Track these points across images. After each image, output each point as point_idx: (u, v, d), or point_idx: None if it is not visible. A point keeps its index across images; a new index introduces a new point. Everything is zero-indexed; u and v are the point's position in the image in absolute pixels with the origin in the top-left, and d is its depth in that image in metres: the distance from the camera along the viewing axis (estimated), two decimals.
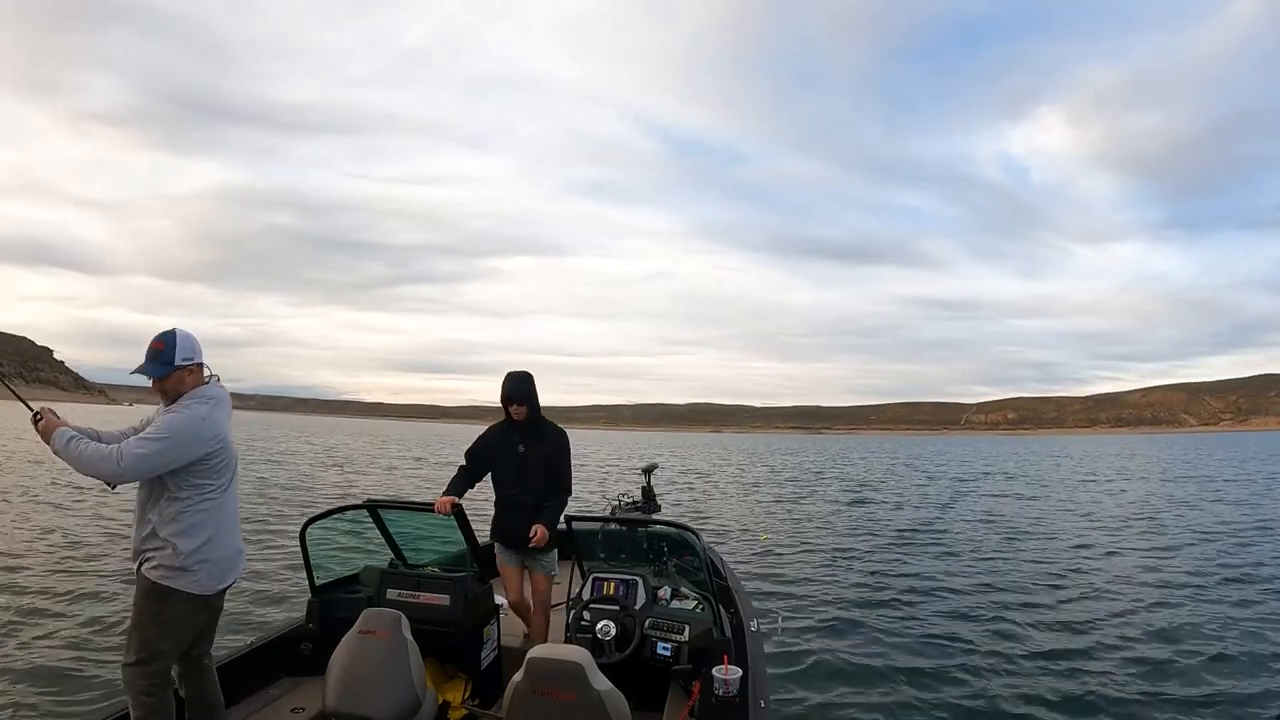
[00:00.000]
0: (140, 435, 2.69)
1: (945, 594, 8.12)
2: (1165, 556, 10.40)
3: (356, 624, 2.95)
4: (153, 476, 2.67)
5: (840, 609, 7.37)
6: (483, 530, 4.03)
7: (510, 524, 3.87)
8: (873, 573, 9.27)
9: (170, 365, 2.73)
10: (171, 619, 2.72)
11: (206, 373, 2.86)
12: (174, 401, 2.75)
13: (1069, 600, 7.88)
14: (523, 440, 3.89)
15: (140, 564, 2.73)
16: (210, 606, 2.87)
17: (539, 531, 3.68)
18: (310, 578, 3.75)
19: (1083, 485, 24.27)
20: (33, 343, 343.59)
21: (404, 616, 2.96)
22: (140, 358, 2.78)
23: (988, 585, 8.57)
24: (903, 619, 7.05)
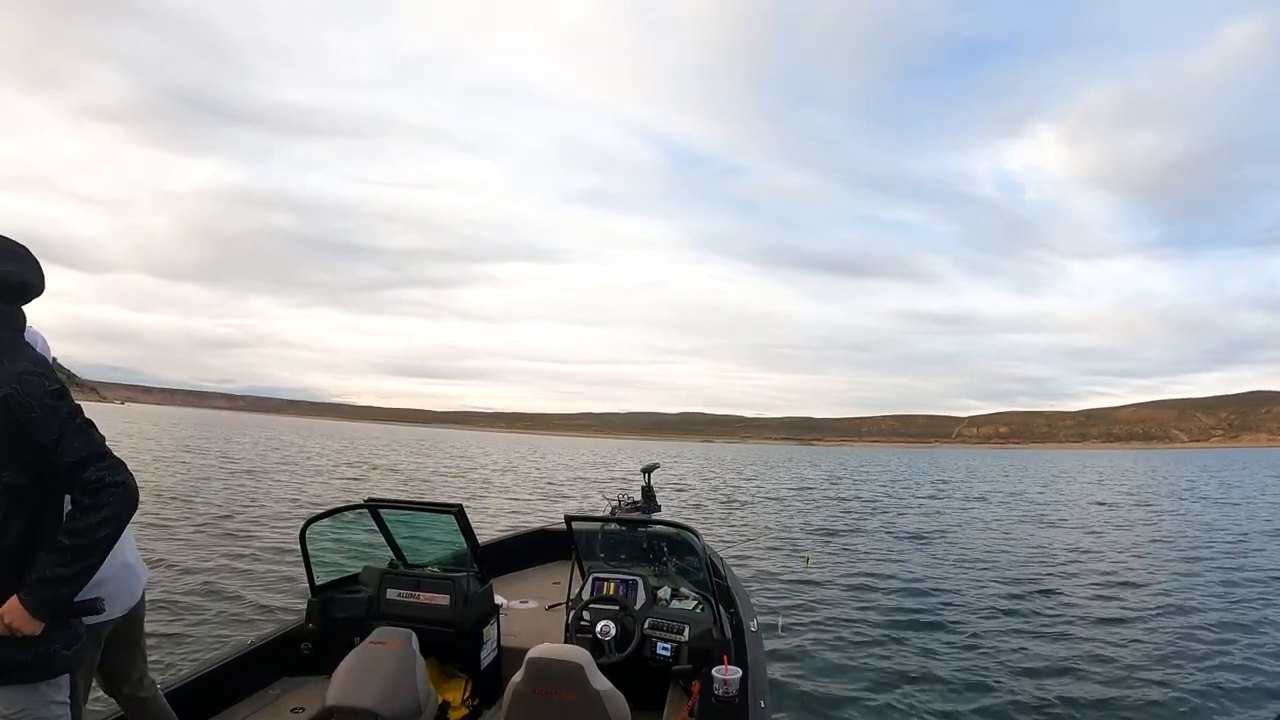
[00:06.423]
0: None
1: (943, 594, 8.21)
2: (1157, 554, 10.48)
3: (369, 636, 2.95)
4: None
5: (840, 609, 7.41)
6: (483, 530, 4.02)
7: None
8: (872, 574, 9.37)
9: None
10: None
11: None
12: None
13: (1069, 600, 7.92)
14: None
15: None
16: (104, 638, 2.44)
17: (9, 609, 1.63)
18: (310, 578, 3.74)
19: (1082, 499, 24.36)
20: None
21: (415, 635, 2.96)
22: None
23: (986, 587, 8.62)
24: (902, 619, 7.11)
